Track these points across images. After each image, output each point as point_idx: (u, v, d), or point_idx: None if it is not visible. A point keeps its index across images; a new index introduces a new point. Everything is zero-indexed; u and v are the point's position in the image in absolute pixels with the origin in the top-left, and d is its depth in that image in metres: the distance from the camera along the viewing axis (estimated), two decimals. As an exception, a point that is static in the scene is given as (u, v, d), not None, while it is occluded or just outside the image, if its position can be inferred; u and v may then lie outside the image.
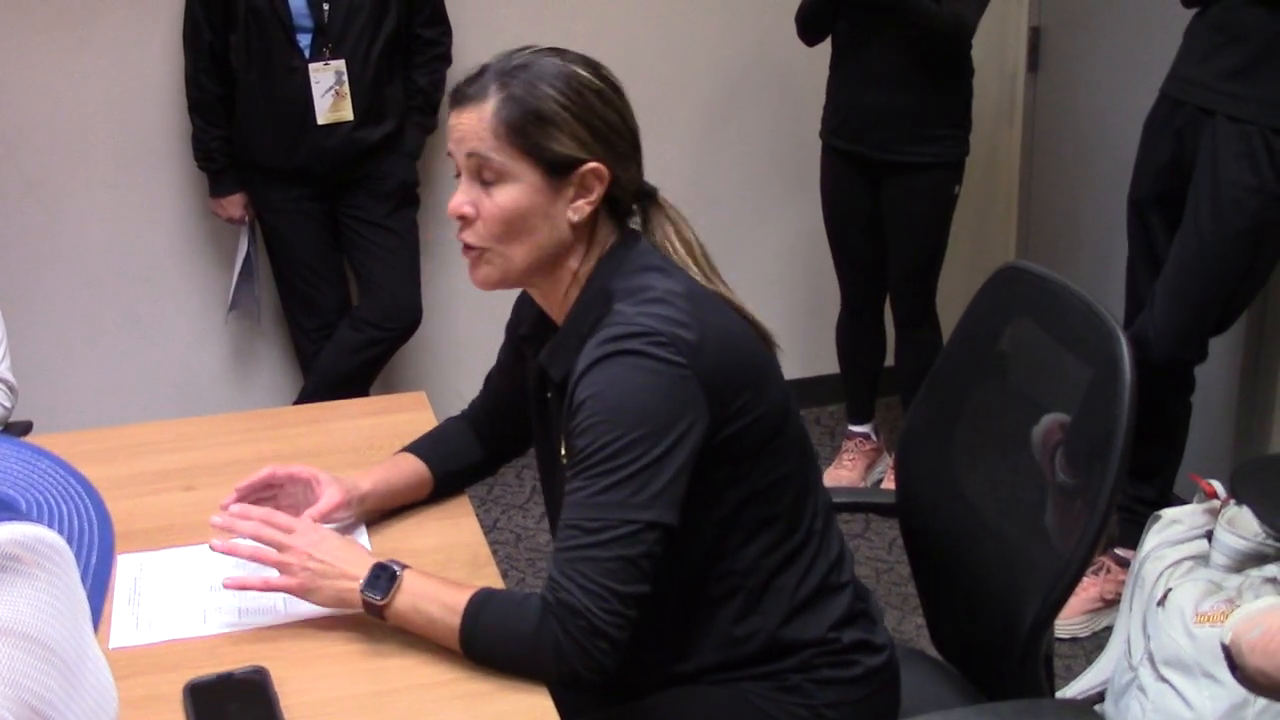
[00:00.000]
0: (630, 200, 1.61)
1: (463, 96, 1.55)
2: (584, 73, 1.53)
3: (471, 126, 1.52)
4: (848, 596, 1.65)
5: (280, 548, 1.55)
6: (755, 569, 1.58)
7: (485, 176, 1.53)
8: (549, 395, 1.64)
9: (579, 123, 1.51)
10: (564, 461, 1.52)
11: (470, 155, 1.53)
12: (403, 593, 1.49)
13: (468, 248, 1.58)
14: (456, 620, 1.46)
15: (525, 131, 1.50)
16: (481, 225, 1.54)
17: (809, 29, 3.27)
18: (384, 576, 1.50)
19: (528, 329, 1.70)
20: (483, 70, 1.55)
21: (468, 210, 1.55)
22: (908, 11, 3.04)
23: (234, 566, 1.68)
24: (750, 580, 1.58)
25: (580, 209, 1.53)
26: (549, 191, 1.52)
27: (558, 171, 1.52)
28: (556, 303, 1.61)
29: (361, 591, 1.50)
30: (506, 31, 3.60)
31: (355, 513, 1.75)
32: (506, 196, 1.52)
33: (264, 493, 1.77)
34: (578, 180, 1.52)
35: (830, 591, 1.63)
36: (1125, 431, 1.53)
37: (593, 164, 1.52)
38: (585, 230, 1.56)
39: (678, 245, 1.61)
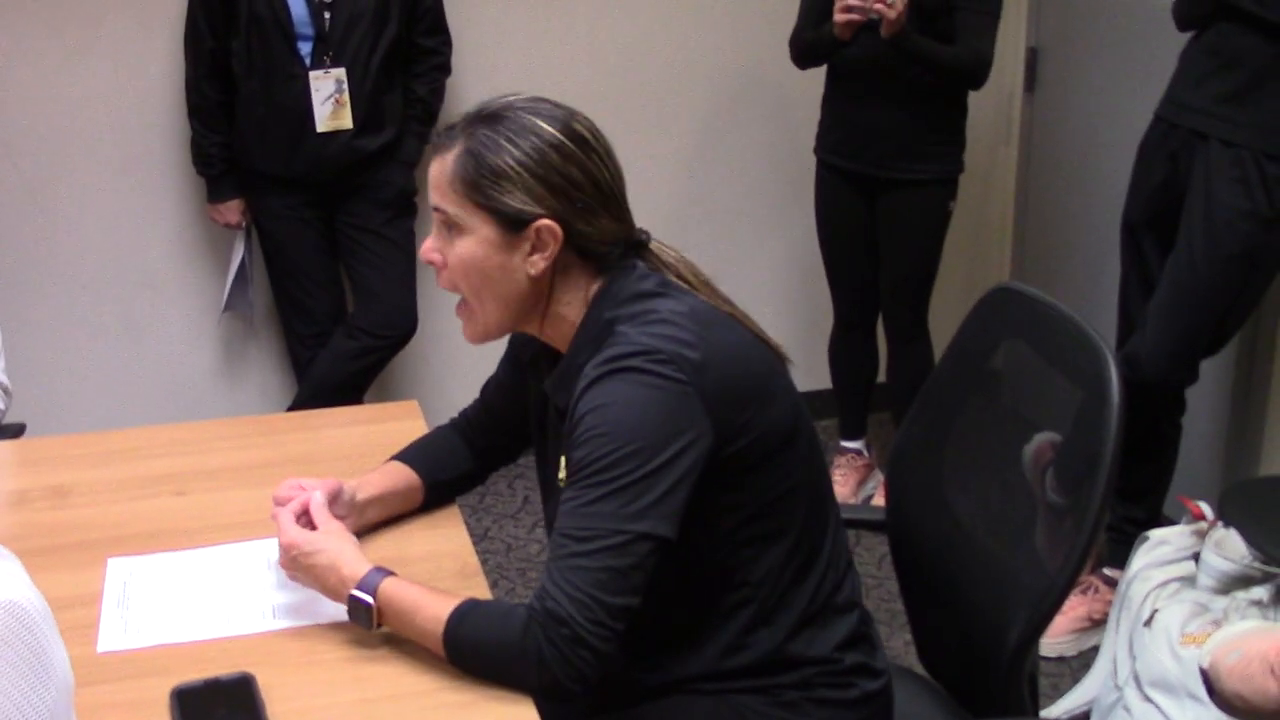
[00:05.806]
0: (609, 249, 1.58)
1: (435, 145, 1.58)
2: (548, 127, 1.53)
3: (435, 178, 1.56)
4: (854, 618, 1.66)
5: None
6: (769, 581, 1.58)
7: (448, 226, 1.56)
8: (549, 416, 1.65)
9: (533, 178, 1.52)
10: (561, 484, 1.53)
11: (434, 206, 1.57)
12: (387, 617, 1.51)
13: (460, 304, 1.61)
14: (440, 630, 1.47)
15: (478, 186, 1.52)
16: (449, 272, 1.58)
17: (807, 61, 3.28)
18: (361, 610, 1.51)
19: (531, 354, 1.71)
20: (462, 118, 1.58)
21: (434, 257, 1.59)
22: (929, 63, 3.06)
23: (222, 572, 1.69)
24: (763, 591, 1.58)
25: (535, 263, 1.55)
26: (503, 245, 1.54)
27: (511, 226, 1.53)
28: (543, 337, 1.63)
29: (351, 618, 1.53)
30: (505, 44, 3.62)
31: (354, 523, 1.72)
32: (464, 247, 1.55)
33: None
34: (532, 235, 1.53)
35: (839, 610, 1.64)
36: (1112, 454, 1.53)
37: (545, 220, 1.52)
38: (546, 283, 1.57)
39: (678, 280, 1.62)
